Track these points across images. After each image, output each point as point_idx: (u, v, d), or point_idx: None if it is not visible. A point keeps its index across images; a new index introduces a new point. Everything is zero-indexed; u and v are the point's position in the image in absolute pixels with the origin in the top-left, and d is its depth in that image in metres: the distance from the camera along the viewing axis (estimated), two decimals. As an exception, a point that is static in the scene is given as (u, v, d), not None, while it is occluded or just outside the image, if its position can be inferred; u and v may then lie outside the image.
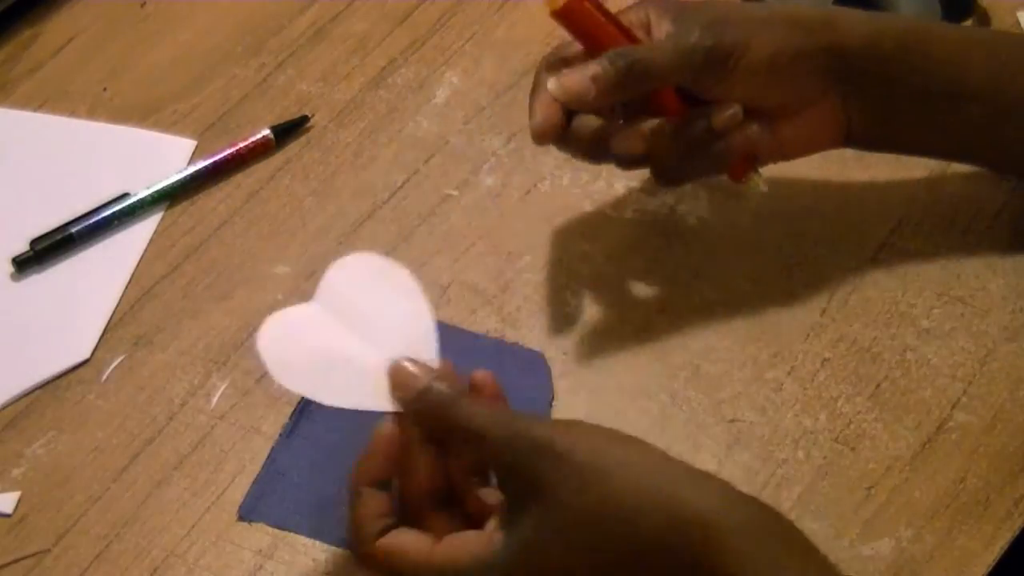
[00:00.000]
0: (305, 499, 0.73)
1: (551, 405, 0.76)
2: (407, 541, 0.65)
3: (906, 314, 0.79)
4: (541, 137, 0.74)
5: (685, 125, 0.74)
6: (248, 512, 0.73)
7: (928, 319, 0.79)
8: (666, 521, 0.60)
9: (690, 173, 0.78)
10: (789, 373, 0.77)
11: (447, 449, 0.66)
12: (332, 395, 0.67)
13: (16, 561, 0.72)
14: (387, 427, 0.66)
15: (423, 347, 0.68)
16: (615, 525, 0.61)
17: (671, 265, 0.81)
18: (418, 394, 0.65)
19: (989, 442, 0.74)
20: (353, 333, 0.68)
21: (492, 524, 0.64)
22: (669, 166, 0.76)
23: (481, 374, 0.67)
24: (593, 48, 0.74)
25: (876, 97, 0.76)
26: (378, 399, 0.66)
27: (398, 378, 0.66)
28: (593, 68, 0.72)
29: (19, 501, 0.74)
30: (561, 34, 0.93)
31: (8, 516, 0.73)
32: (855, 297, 0.80)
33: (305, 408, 0.76)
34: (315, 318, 0.69)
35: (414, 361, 0.67)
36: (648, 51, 0.73)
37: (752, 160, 0.77)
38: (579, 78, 0.72)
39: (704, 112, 0.74)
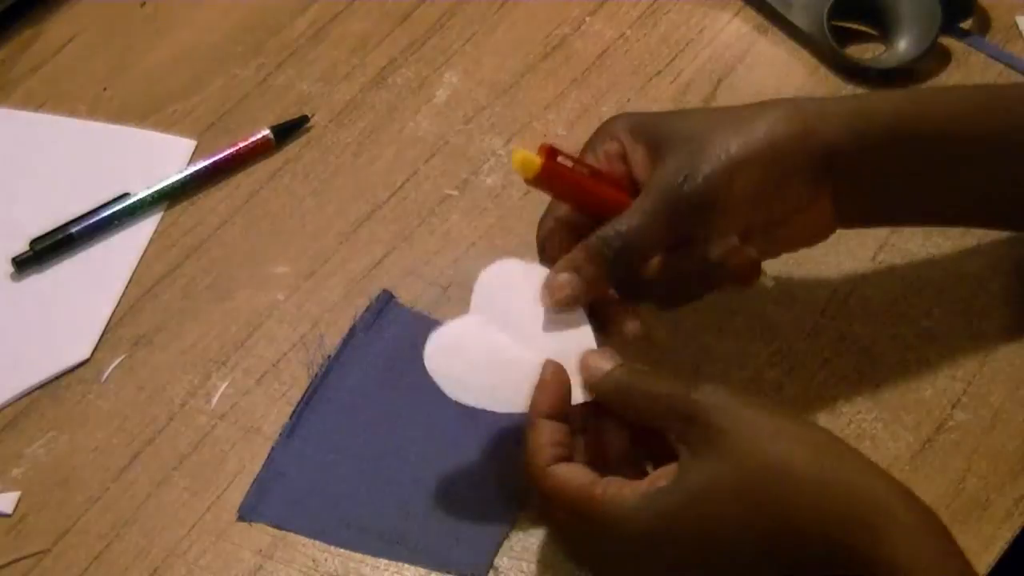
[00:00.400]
0: (305, 499, 0.73)
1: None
2: (572, 472, 0.67)
3: (906, 314, 0.79)
4: None
5: (682, 259, 0.72)
6: (248, 512, 0.73)
7: (928, 319, 0.79)
8: (836, 502, 0.61)
9: (693, 296, 0.75)
10: (789, 373, 0.77)
11: (629, 419, 0.68)
12: (505, 403, 0.70)
13: (16, 561, 0.72)
14: (550, 364, 0.69)
15: (584, 341, 0.70)
16: (788, 490, 0.62)
17: (671, 265, 0.81)
18: (606, 374, 0.68)
19: (989, 442, 0.74)
20: (516, 339, 0.70)
21: (656, 474, 0.66)
22: (670, 297, 0.74)
23: None
24: (577, 204, 0.73)
25: (868, 187, 0.74)
26: None
27: (586, 363, 0.69)
28: (580, 267, 0.70)
29: (19, 501, 0.74)
30: (560, 33, 0.93)
31: (8, 516, 0.73)
32: (855, 297, 0.80)
33: (305, 408, 0.76)
34: (477, 330, 0.71)
35: (596, 351, 0.70)
36: (632, 225, 0.70)
37: (756, 269, 0.74)
38: (567, 282, 0.71)
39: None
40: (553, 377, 0.69)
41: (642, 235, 0.70)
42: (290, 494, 0.73)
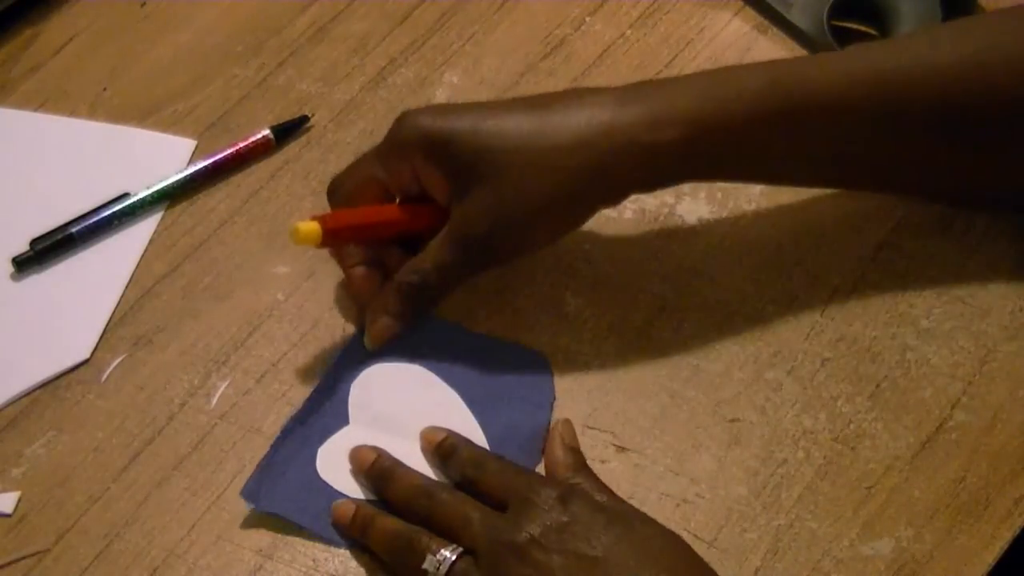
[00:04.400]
0: (305, 498, 0.73)
1: (552, 405, 0.76)
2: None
3: (906, 314, 0.79)
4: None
5: None
6: (250, 495, 0.72)
7: (928, 319, 0.79)
8: None
9: None
10: (789, 373, 0.77)
11: None
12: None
13: (16, 561, 0.72)
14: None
15: (461, 415, 0.75)
16: None
17: (671, 265, 0.81)
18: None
19: (989, 442, 0.74)
20: (394, 435, 0.74)
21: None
22: None
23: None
24: (369, 238, 0.78)
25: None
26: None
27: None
28: (390, 308, 0.76)
29: (19, 501, 0.74)
30: (560, 33, 0.93)
31: (8, 516, 0.73)
32: (855, 297, 0.80)
33: (306, 407, 0.76)
34: (356, 437, 0.74)
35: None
36: (437, 273, 0.75)
37: None
38: (385, 325, 0.76)
39: None
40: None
41: (446, 279, 0.76)
42: (290, 493, 0.73)
